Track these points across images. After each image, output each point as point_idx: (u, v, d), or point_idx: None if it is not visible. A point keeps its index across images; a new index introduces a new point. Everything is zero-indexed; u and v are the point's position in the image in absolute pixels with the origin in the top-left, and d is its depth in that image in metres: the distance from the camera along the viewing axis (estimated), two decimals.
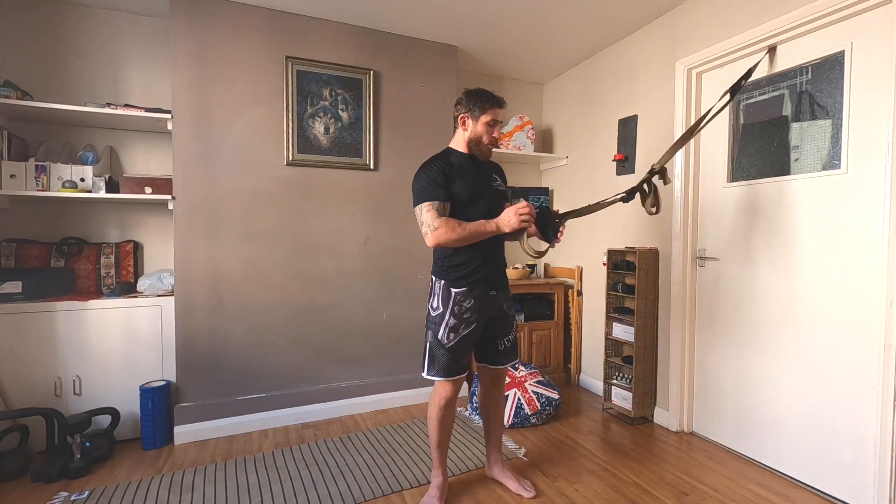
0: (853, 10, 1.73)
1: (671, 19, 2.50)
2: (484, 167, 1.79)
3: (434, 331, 1.71)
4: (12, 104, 2.10)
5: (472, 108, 1.71)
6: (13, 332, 2.10)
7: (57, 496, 1.84)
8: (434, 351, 1.71)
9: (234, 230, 2.47)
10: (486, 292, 1.72)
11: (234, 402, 2.46)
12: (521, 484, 1.88)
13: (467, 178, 1.70)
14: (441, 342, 1.69)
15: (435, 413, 1.75)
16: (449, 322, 1.68)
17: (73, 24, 2.43)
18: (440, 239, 1.60)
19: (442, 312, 1.70)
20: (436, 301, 1.73)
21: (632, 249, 2.61)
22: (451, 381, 1.71)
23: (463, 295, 1.69)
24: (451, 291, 1.69)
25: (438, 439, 1.78)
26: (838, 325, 1.81)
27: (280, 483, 1.95)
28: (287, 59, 2.54)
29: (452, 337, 1.68)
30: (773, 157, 2.06)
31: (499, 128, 1.74)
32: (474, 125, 1.73)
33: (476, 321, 1.71)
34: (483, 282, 1.71)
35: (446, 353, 1.68)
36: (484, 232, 1.63)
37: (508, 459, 2.13)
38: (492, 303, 1.75)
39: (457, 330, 1.68)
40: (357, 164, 2.74)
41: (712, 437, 2.34)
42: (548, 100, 3.67)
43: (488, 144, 1.74)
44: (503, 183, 1.85)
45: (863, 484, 1.73)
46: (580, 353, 3.28)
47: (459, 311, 1.69)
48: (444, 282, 1.71)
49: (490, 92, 1.73)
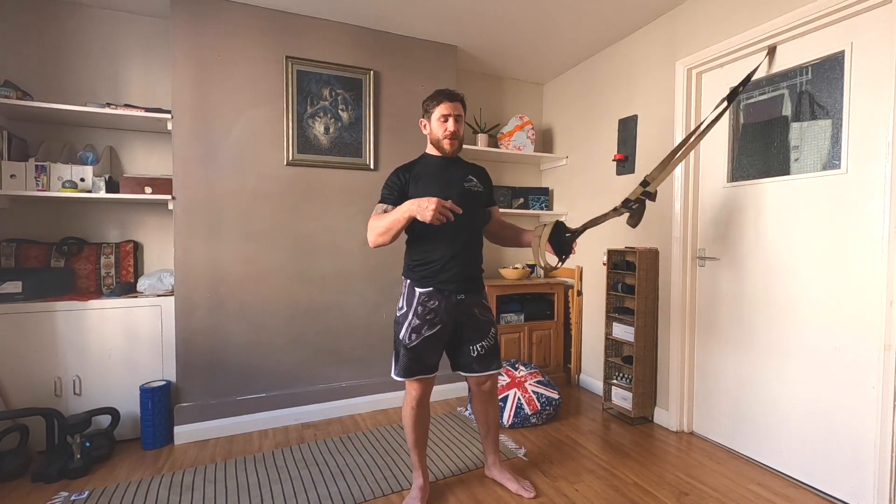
0: (853, 10, 1.73)
1: (671, 19, 2.50)
2: (457, 168, 1.77)
3: (397, 331, 1.71)
4: (12, 104, 2.10)
5: (426, 109, 1.74)
6: (13, 332, 2.10)
7: (57, 496, 1.84)
8: (397, 350, 1.71)
9: (234, 230, 2.47)
10: (453, 294, 1.69)
11: (234, 402, 2.46)
12: (520, 484, 1.87)
13: (434, 179, 1.70)
14: (403, 342, 1.68)
15: (407, 413, 1.75)
16: (412, 322, 1.67)
17: (73, 24, 2.43)
18: (369, 236, 1.61)
19: (405, 312, 1.69)
20: (401, 301, 1.72)
21: (632, 249, 2.61)
22: (418, 381, 1.71)
23: (427, 295, 1.67)
24: (415, 291, 1.69)
25: (414, 439, 1.77)
26: (838, 325, 1.81)
27: (280, 483, 1.95)
28: (287, 59, 2.54)
29: (414, 337, 1.67)
30: (773, 157, 2.06)
31: (454, 121, 1.69)
32: (430, 125, 1.74)
33: (441, 323, 1.68)
34: (450, 283, 1.68)
35: (407, 353, 1.67)
36: (398, 219, 1.54)
37: (508, 459, 2.13)
38: (460, 306, 1.71)
39: (419, 331, 1.66)
40: (357, 164, 2.74)
41: (712, 437, 2.34)
42: (548, 100, 3.67)
43: (445, 139, 1.70)
44: (482, 185, 1.80)
45: (863, 484, 1.73)
46: (580, 353, 3.28)
47: (423, 312, 1.67)
48: (410, 281, 1.71)
49: (443, 89, 1.72)
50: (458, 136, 1.72)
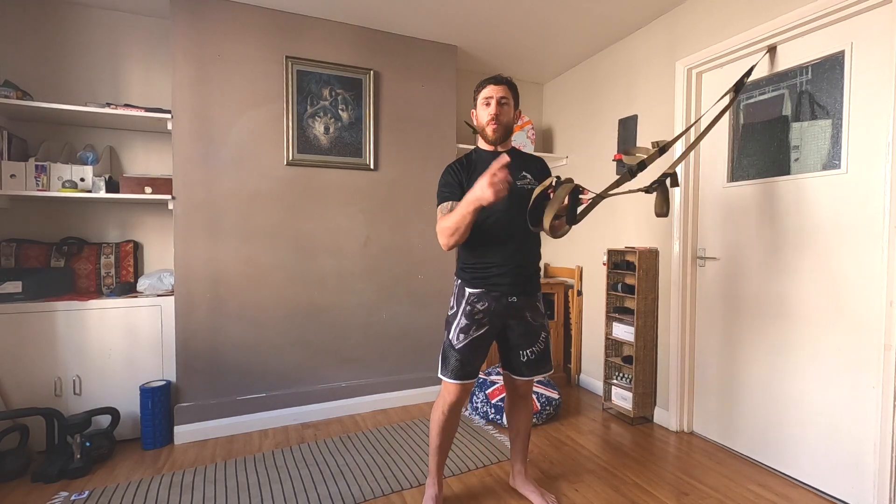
0: (853, 10, 1.73)
1: (671, 19, 2.50)
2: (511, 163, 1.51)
3: (448, 330, 1.66)
4: (12, 104, 2.10)
5: (474, 98, 1.69)
6: (13, 332, 2.10)
7: (57, 496, 1.84)
8: (446, 351, 1.65)
9: (234, 230, 2.47)
10: (504, 296, 1.62)
11: (234, 402, 2.46)
12: (544, 498, 1.77)
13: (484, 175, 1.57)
14: (451, 343, 1.63)
15: (438, 416, 1.69)
16: (460, 322, 1.62)
17: (74, 23, 2.43)
18: (440, 240, 1.54)
19: (455, 312, 1.65)
20: (452, 300, 1.69)
21: (632, 249, 2.61)
22: (459, 385, 1.63)
23: (477, 297, 1.61)
24: (465, 291, 1.63)
25: (439, 443, 1.71)
26: (838, 325, 1.81)
27: (280, 483, 1.95)
28: (287, 58, 2.54)
29: (462, 338, 1.61)
30: (773, 157, 2.05)
31: (497, 103, 1.61)
32: (476, 113, 1.69)
33: (489, 325, 1.62)
34: (502, 285, 1.61)
35: (456, 354, 1.62)
36: (464, 214, 1.43)
37: (509, 459, 2.13)
38: (510, 309, 1.64)
39: (467, 331, 1.61)
40: (357, 164, 2.74)
41: (712, 437, 2.34)
42: (548, 100, 3.67)
43: (488, 124, 1.62)
44: (538, 180, 1.64)
45: (863, 484, 1.73)
46: (580, 353, 3.28)
47: (471, 312, 1.61)
48: (461, 281, 1.66)
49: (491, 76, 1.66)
50: (501, 121, 1.61)
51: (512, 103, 1.66)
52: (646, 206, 2.65)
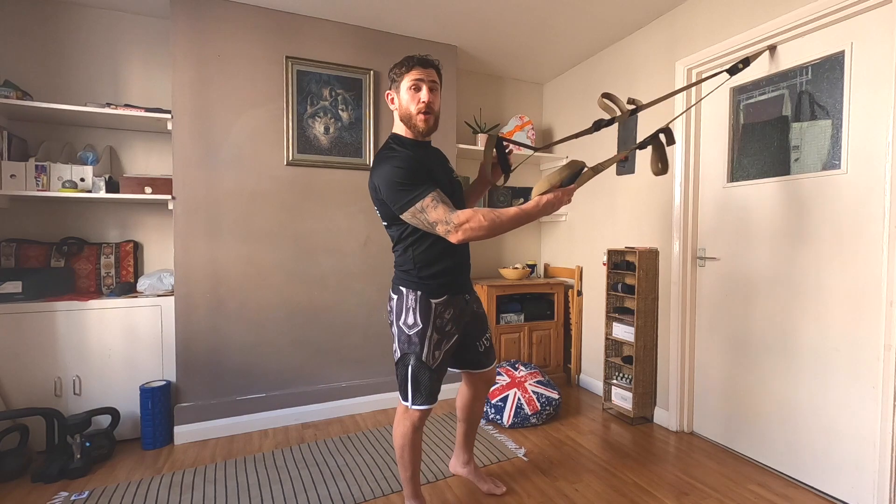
0: (853, 10, 1.73)
1: (671, 19, 2.50)
2: (437, 155, 1.58)
3: (416, 352, 1.47)
4: (12, 104, 2.10)
5: (394, 79, 1.46)
6: (13, 332, 2.10)
7: (57, 496, 1.84)
8: (418, 376, 1.47)
9: (234, 230, 2.47)
10: (462, 297, 1.58)
11: (234, 402, 2.46)
12: (492, 483, 1.86)
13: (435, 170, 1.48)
14: (426, 364, 1.47)
15: (409, 440, 1.53)
16: (432, 338, 1.47)
17: (74, 23, 2.43)
18: (472, 234, 1.34)
19: (422, 329, 1.47)
20: (411, 317, 1.47)
21: (632, 249, 2.61)
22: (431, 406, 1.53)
23: (443, 305, 1.50)
24: (430, 303, 1.48)
25: (413, 469, 1.59)
26: (838, 325, 1.81)
27: (280, 483, 1.95)
28: (287, 58, 2.54)
29: (437, 355, 1.49)
30: (773, 157, 2.06)
31: (428, 90, 1.43)
32: (398, 97, 1.46)
33: (456, 332, 1.56)
34: (460, 287, 1.57)
35: (432, 374, 1.48)
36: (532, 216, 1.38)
37: (509, 459, 2.13)
38: (467, 308, 1.62)
39: (440, 346, 1.49)
40: (357, 164, 2.74)
41: (712, 437, 2.34)
42: (548, 100, 3.67)
43: (418, 114, 1.44)
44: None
45: (863, 484, 1.73)
46: (580, 353, 3.28)
47: (441, 324, 1.49)
48: (421, 293, 1.48)
49: (414, 55, 1.45)
50: (434, 111, 1.45)
51: (440, 88, 1.50)
52: (646, 205, 2.65)
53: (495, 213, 1.35)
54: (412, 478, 1.61)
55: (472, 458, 1.92)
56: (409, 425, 1.53)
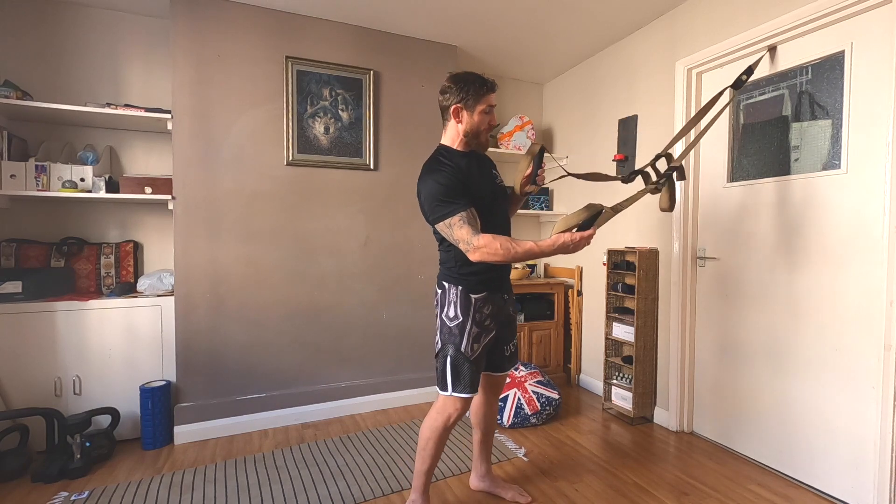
0: (853, 10, 1.73)
1: (671, 19, 2.50)
2: (484, 163, 1.67)
3: (455, 343, 1.55)
4: (12, 104, 2.10)
5: (466, 97, 1.54)
6: (13, 332, 2.10)
7: (57, 496, 1.84)
8: (458, 366, 1.55)
9: (234, 230, 2.47)
10: (501, 296, 1.64)
11: (234, 402, 2.46)
12: (516, 491, 1.82)
13: (477, 180, 1.56)
14: (465, 355, 1.54)
15: (438, 434, 1.59)
16: (471, 331, 1.55)
17: (74, 23, 2.43)
18: (487, 258, 1.44)
19: (462, 322, 1.55)
20: (452, 310, 1.57)
21: (632, 249, 2.61)
22: (471, 397, 1.58)
23: (482, 301, 1.57)
24: (470, 298, 1.56)
25: (430, 464, 1.62)
26: (838, 326, 1.81)
27: (280, 483, 1.95)
28: (287, 58, 2.54)
29: (476, 347, 1.56)
30: (773, 157, 2.05)
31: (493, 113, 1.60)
32: (470, 116, 1.55)
33: (495, 328, 1.62)
34: (499, 286, 1.63)
35: (471, 365, 1.55)
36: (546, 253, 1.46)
37: (508, 459, 2.13)
38: (504, 307, 1.67)
39: (479, 339, 1.57)
40: (357, 164, 2.74)
41: (712, 437, 2.34)
42: (548, 100, 3.67)
43: (485, 132, 1.59)
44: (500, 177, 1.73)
45: (863, 484, 1.73)
46: (580, 353, 3.28)
47: (480, 319, 1.56)
48: (462, 288, 1.57)
49: (481, 76, 1.56)
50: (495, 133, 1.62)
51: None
52: (646, 205, 2.65)
53: (512, 243, 1.44)
54: (427, 472, 1.64)
55: (490, 469, 1.88)
56: (444, 419, 1.58)
